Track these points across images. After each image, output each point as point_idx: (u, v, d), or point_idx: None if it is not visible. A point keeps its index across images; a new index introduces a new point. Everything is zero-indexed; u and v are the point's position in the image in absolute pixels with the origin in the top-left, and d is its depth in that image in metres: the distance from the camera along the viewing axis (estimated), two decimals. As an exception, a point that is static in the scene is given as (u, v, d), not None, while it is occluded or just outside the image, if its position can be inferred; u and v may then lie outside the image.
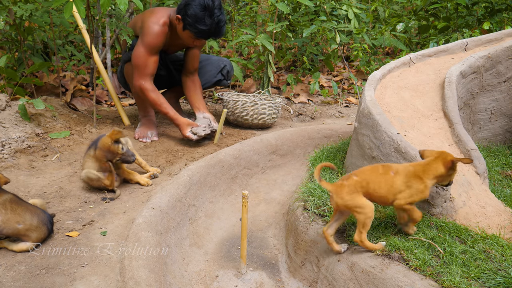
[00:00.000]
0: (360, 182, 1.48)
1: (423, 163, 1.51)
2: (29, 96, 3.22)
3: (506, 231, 1.57)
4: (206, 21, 2.66)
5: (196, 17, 2.65)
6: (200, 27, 2.67)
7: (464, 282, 1.28)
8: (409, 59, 2.56)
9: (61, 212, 1.94)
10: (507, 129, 2.59)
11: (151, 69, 2.79)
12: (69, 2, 2.44)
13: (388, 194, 1.49)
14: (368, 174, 1.51)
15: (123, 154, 2.12)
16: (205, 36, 2.75)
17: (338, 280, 1.52)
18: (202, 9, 2.64)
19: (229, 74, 3.34)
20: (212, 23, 2.67)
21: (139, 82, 2.78)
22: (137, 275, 1.42)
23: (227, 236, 2.01)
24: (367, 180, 1.49)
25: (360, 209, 1.46)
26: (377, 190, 1.49)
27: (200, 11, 2.64)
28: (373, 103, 1.95)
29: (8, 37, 3.55)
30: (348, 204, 1.47)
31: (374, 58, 4.78)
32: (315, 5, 4.33)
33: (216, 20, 2.68)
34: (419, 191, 1.48)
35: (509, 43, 2.45)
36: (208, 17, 2.66)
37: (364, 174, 1.51)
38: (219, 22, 2.70)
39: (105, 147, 2.09)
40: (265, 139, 2.77)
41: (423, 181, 1.48)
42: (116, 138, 2.09)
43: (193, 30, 2.70)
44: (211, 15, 2.66)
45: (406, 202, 1.48)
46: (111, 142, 2.09)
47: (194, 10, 2.65)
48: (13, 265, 1.56)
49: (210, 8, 2.65)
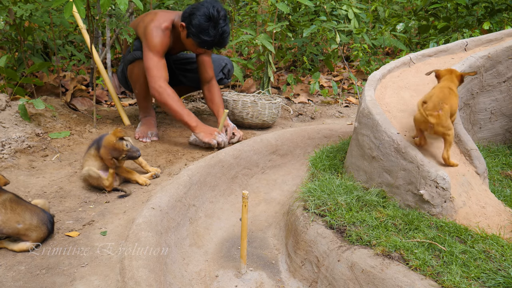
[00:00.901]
0: (449, 108, 1.67)
1: (450, 79, 1.77)
2: (29, 96, 3.22)
3: (506, 231, 1.57)
4: (210, 32, 2.65)
5: (200, 27, 2.63)
6: (204, 38, 2.66)
7: (464, 282, 1.28)
8: (409, 59, 2.56)
9: (61, 212, 1.94)
10: (507, 129, 2.59)
11: (164, 71, 2.73)
12: (69, 2, 2.44)
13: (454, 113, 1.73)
14: (449, 98, 1.69)
15: (129, 151, 2.14)
16: (208, 47, 2.74)
17: (338, 280, 1.52)
18: (206, 20, 2.62)
19: (229, 73, 3.35)
20: (216, 34, 2.66)
21: (155, 86, 2.69)
22: (137, 275, 1.42)
23: (227, 236, 2.01)
24: (451, 104, 1.68)
25: (450, 131, 1.66)
26: (454, 110, 1.70)
27: (205, 21, 2.62)
28: (373, 103, 1.95)
29: (8, 37, 3.55)
30: (445, 130, 1.65)
31: (374, 58, 4.78)
32: (315, 5, 4.33)
33: (220, 31, 2.66)
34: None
35: (509, 43, 2.45)
36: (213, 28, 2.64)
37: (448, 100, 1.68)
38: (223, 34, 2.69)
39: (110, 145, 2.09)
40: (265, 139, 2.77)
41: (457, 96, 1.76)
42: (120, 136, 2.11)
43: (197, 40, 2.68)
44: (215, 26, 2.64)
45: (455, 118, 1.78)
46: (116, 140, 2.10)
47: (198, 20, 2.63)
48: (13, 265, 1.56)
49: (215, 19, 2.63)
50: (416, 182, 1.65)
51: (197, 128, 2.71)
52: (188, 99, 4.12)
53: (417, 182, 1.65)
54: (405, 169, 1.69)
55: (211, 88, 3.03)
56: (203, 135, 2.70)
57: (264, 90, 3.71)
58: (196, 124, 2.72)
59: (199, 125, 2.73)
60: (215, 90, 3.03)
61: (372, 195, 1.78)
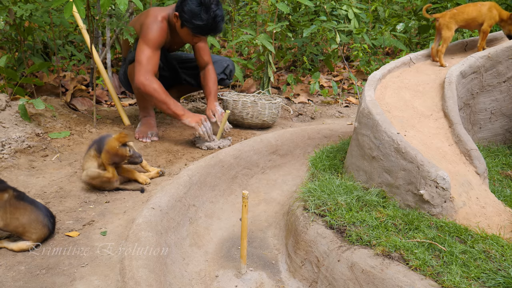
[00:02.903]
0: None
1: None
2: (29, 96, 3.22)
3: (506, 231, 1.57)
4: (202, 16, 2.66)
5: (192, 12, 2.65)
6: (197, 23, 2.67)
7: (464, 282, 1.28)
8: (409, 59, 2.56)
9: (61, 212, 1.94)
10: (507, 129, 2.59)
11: (154, 65, 2.73)
12: (69, 2, 2.44)
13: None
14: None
15: (131, 156, 2.14)
16: (203, 32, 2.74)
17: (338, 280, 1.52)
18: (198, 5, 2.65)
19: (231, 74, 3.37)
20: (208, 18, 2.67)
21: (141, 78, 2.67)
22: (137, 275, 1.42)
23: (227, 236, 2.01)
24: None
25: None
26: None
27: (196, 6, 2.65)
28: (373, 103, 1.95)
29: (8, 37, 3.55)
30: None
31: (374, 58, 4.78)
32: (315, 5, 4.34)
33: (212, 15, 2.67)
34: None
35: (509, 43, 2.45)
36: (204, 12, 2.66)
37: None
38: (215, 17, 2.69)
39: (113, 150, 2.08)
40: (265, 139, 2.77)
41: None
42: (123, 142, 2.10)
43: (190, 26, 2.69)
44: (207, 10, 2.66)
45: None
46: (119, 146, 2.09)
47: (190, 6, 2.65)
48: (13, 265, 1.56)
49: (206, 3, 2.65)
50: (416, 182, 1.65)
51: (184, 116, 2.76)
52: (188, 99, 4.12)
53: (417, 182, 1.65)
54: (405, 169, 1.69)
55: (206, 73, 3.10)
56: (190, 120, 2.76)
57: (264, 90, 3.71)
58: (183, 113, 2.76)
59: (186, 113, 2.77)
60: (209, 74, 3.08)
61: (372, 195, 1.78)
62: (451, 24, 2.43)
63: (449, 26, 2.42)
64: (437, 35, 2.53)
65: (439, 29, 2.50)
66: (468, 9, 2.46)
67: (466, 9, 2.47)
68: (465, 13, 2.46)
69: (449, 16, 2.46)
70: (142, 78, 2.68)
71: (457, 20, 2.45)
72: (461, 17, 2.45)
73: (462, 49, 2.79)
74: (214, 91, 3.05)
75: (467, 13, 2.45)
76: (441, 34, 2.49)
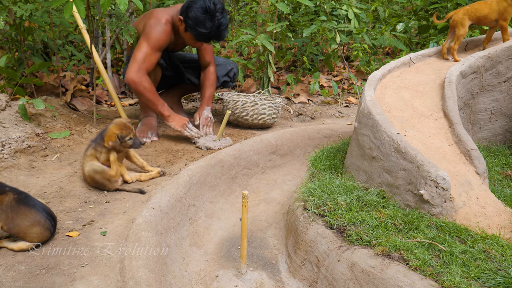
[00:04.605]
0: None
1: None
2: (29, 96, 3.22)
3: (506, 231, 1.57)
4: (206, 24, 2.66)
5: (197, 19, 2.65)
6: (200, 30, 2.67)
7: (464, 282, 1.28)
8: (409, 59, 2.56)
9: (61, 212, 1.94)
10: (507, 129, 2.59)
11: (150, 64, 2.72)
12: (69, 2, 2.44)
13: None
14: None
15: (135, 134, 2.20)
16: (206, 39, 2.75)
17: (338, 280, 1.52)
18: (203, 12, 2.64)
19: (235, 77, 3.40)
20: (212, 26, 2.67)
21: (132, 74, 2.66)
22: (137, 275, 1.42)
23: (227, 236, 2.01)
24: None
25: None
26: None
27: (201, 14, 2.64)
28: (373, 103, 1.95)
29: (8, 37, 3.55)
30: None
31: (374, 58, 4.78)
32: (315, 5, 4.33)
33: (216, 23, 2.68)
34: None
35: (509, 43, 2.45)
36: (209, 20, 2.66)
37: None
38: (220, 26, 2.70)
39: (121, 123, 2.16)
40: (265, 139, 2.77)
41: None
42: (122, 133, 2.16)
43: (194, 32, 2.70)
44: (212, 18, 2.66)
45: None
46: (127, 122, 2.18)
47: (195, 13, 2.65)
48: (13, 265, 1.56)
49: (211, 11, 2.65)
50: (416, 182, 1.65)
51: (170, 118, 2.82)
52: (188, 99, 4.12)
53: (417, 182, 1.65)
54: (405, 169, 1.69)
55: (205, 74, 3.14)
56: (175, 124, 2.82)
57: (264, 90, 3.71)
58: (169, 114, 2.82)
59: (172, 115, 2.83)
60: (208, 76, 3.12)
61: (372, 195, 1.78)
62: (465, 21, 2.45)
63: (463, 23, 2.45)
64: (450, 33, 2.56)
65: (453, 27, 2.54)
66: (479, 6, 2.51)
67: (478, 7, 2.51)
68: (477, 10, 2.50)
69: (462, 13, 2.48)
70: (134, 75, 2.67)
71: (470, 16, 2.49)
72: (473, 14, 2.49)
73: (462, 49, 2.79)
74: (208, 95, 3.10)
75: (479, 11, 2.49)
76: (454, 32, 2.53)
